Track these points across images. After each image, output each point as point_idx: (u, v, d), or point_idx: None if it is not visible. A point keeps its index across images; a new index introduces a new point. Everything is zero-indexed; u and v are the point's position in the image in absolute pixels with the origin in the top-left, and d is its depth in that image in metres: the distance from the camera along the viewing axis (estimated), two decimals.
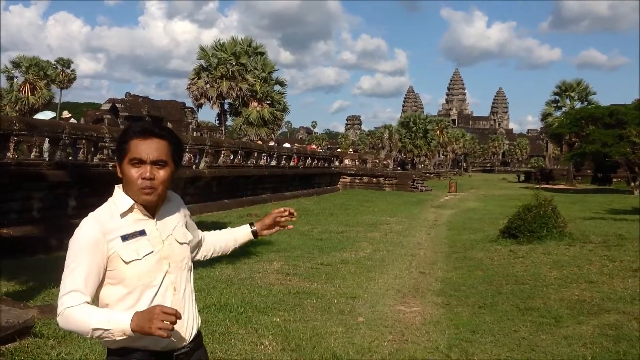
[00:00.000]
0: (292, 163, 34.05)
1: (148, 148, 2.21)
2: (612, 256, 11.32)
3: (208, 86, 37.69)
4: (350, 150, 69.38)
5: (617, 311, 7.61)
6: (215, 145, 24.21)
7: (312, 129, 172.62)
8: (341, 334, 6.59)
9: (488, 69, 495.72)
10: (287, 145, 44.46)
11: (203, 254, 2.73)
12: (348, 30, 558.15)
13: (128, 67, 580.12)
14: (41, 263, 10.30)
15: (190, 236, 2.46)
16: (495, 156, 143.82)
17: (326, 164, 41.12)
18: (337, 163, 44.04)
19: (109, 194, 2.34)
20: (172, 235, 2.33)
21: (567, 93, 60.42)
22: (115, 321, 2.06)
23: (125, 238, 2.21)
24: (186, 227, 2.45)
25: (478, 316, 7.59)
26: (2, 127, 13.42)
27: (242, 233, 2.85)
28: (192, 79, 38.30)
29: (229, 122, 43.63)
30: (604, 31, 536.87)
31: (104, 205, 2.32)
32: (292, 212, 2.83)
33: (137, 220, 2.27)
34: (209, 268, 9.83)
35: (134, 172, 2.21)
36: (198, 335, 2.40)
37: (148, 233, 2.26)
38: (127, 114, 44.41)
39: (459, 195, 40.69)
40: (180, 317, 2.04)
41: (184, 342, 2.29)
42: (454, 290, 9.26)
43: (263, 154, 30.18)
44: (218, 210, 21.49)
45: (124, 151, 2.23)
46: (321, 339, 6.35)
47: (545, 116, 62.26)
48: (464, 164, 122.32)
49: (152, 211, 2.31)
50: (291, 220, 2.84)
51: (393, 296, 8.86)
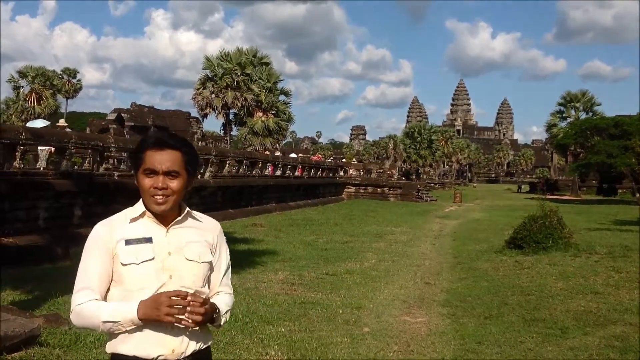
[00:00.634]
0: (297, 173, 34.07)
1: (161, 159, 2.24)
2: (618, 267, 11.29)
3: (213, 96, 37.78)
4: (354, 160, 69.39)
5: (623, 322, 7.59)
6: (220, 155, 24.25)
7: (317, 139, 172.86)
8: (346, 345, 6.57)
9: (493, 80, 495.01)
10: (294, 155, 44.55)
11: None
12: (353, 40, 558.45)
13: (133, 77, 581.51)
14: (47, 272, 10.30)
15: (207, 257, 2.36)
16: (500, 167, 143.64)
17: (331, 174, 41.13)
18: (342, 173, 44.03)
19: (115, 203, 2.38)
20: (183, 249, 2.30)
21: (572, 104, 60.43)
22: (123, 312, 2.16)
23: (129, 242, 2.25)
24: (212, 253, 2.41)
25: (484, 327, 7.57)
26: (9, 137, 13.48)
27: None
28: (198, 89, 38.41)
29: (234, 132, 43.72)
30: (609, 42, 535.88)
31: (122, 211, 2.38)
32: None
33: (147, 227, 2.30)
34: None
35: (147, 182, 2.25)
36: (201, 352, 2.33)
37: (154, 241, 2.26)
38: (133, 124, 44.51)
39: (464, 205, 40.63)
40: (185, 296, 2.12)
41: (179, 357, 2.25)
42: (460, 301, 9.23)
43: (268, 164, 30.22)
44: (223, 220, 21.47)
45: (139, 161, 2.28)
46: (326, 350, 6.34)
47: (550, 127, 62.26)
48: (469, 175, 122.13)
49: (165, 221, 2.31)
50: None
51: (398, 307, 8.84)
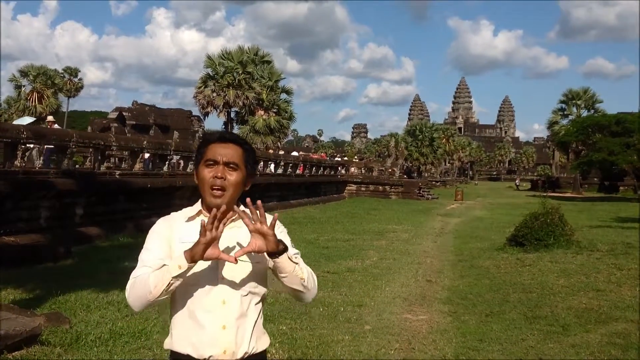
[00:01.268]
0: (299, 171, 34.06)
1: (223, 151, 2.30)
2: (620, 264, 11.29)
3: (215, 95, 37.78)
4: (355, 158, 69.35)
5: (625, 320, 7.59)
6: None
7: (319, 137, 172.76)
8: (348, 342, 6.57)
9: (494, 78, 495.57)
10: (295, 153, 44.54)
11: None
12: (355, 39, 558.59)
13: (135, 76, 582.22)
14: (48, 271, 10.32)
15: (259, 258, 2.29)
16: (501, 164, 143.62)
17: (332, 172, 41.13)
18: (344, 171, 44.02)
19: (116, 202, 2.39)
20: (235, 249, 2.27)
21: (574, 101, 60.35)
22: (169, 262, 2.16)
23: (182, 240, 2.27)
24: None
25: (485, 325, 7.57)
26: (10, 136, 13.49)
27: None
28: (199, 88, 38.40)
29: (236, 131, 43.63)
30: (612, 40, 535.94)
31: (182, 209, 2.42)
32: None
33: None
34: None
35: (207, 172, 2.29)
36: (255, 357, 2.32)
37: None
38: (134, 123, 44.54)
39: (465, 203, 40.62)
40: (222, 209, 2.12)
41: (232, 357, 2.25)
42: (461, 298, 9.23)
43: (269, 162, 30.22)
44: None
45: (201, 155, 2.33)
46: (328, 347, 6.34)
47: (551, 124, 62.20)
48: (470, 172, 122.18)
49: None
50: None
51: (400, 304, 8.84)
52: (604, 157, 42.85)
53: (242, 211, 2.21)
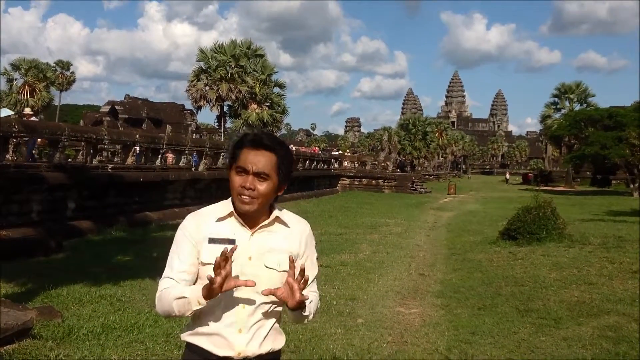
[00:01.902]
0: None
1: (254, 159, 2.24)
2: (612, 258, 11.33)
3: (207, 88, 37.66)
4: (347, 152, 69.35)
5: (617, 313, 7.62)
6: (214, 147, 24.21)
7: (312, 131, 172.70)
8: (340, 336, 6.58)
9: (487, 72, 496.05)
10: (293, 147, 44.47)
11: None
12: (348, 33, 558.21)
13: (127, 70, 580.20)
14: (40, 265, 10.27)
15: (287, 267, 2.26)
16: (494, 158, 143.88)
17: (326, 166, 41.10)
18: (337, 165, 44.00)
19: (108, 196, 2.38)
20: (264, 255, 2.28)
21: (567, 95, 60.51)
22: (191, 290, 2.20)
23: (212, 241, 2.26)
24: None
25: (477, 318, 7.59)
26: (1, 129, 13.42)
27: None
28: (192, 81, 38.26)
29: (229, 124, 43.56)
30: (604, 34, 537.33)
31: (214, 205, 2.39)
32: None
33: (232, 228, 2.30)
34: None
35: (237, 181, 2.26)
36: (270, 356, 2.36)
37: (237, 243, 2.23)
38: (127, 116, 44.46)
39: (458, 197, 40.70)
40: (233, 247, 2.13)
41: (245, 356, 2.28)
42: (454, 292, 9.25)
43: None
44: None
45: (234, 158, 2.29)
46: (320, 341, 6.34)
47: (544, 118, 62.35)
48: (463, 166, 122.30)
49: (251, 224, 2.30)
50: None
51: (392, 298, 8.85)
52: (597, 151, 42.99)
53: (292, 263, 2.22)
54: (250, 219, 2.29)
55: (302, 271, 2.19)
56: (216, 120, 42.66)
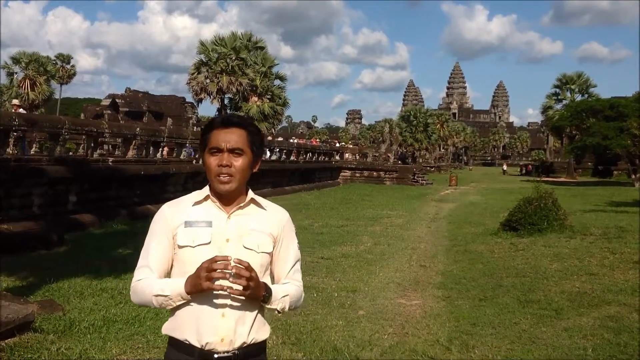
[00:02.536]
0: (293, 157, 34.01)
1: (227, 136, 2.26)
2: (613, 248, 11.33)
3: (208, 81, 37.57)
4: (349, 143, 69.28)
5: (618, 303, 7.62)
6: None
7: (313, 124, 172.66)
8: (342, 328, 6.59)
9: (489, 63, 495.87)
10: (296, 140, 44.51)
11: None
12: (349, 24, 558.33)
13: (128, 63, 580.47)
14: (41, 259, 10.29)
15: (267, 248, 2.31)
16: (495, 149, 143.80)
17: (327, 159, 41.07)
18: (338, 157, 43.96)
19: (109, 189, 2.37)
20: (242, 237, 2.27)
21: (568, 86, 60.34)
22: (172, 286, 2.20)
23: (188, 224, 2.27)
24: (273, 246, 2.35)
25: (478, 309, 7.59)
26: (2, 123, 13.41)
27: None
28: (192, 74, 38.17)
29: None
30: (606, 24, 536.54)
31: (190, 193, 2.40)
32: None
33: (209, 211, 2.30)
34: None
35: (212, 161, 2.26)
36: (254, 347, 2.30)
37: (214, 226, 2.25)
38: (127, 110, 44.41)
39: (460, 188, 40.66)
40: (227, 260, 2.09)
41: (229, 347, 2.23)
42: (455, 283, 9.25)
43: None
44: None
45: (206, 142, 2.30)
46: (321, 333, 6.35)
47: (545, 109, 62.22)
48: (465, 158, 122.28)
49: (228, 206, 2.30)
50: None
51: (394, 289, 8.86)
52: (598, 142, 42.90)
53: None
54: (227, 201, 2.29)
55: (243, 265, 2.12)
56: (217, 113, 42.58)
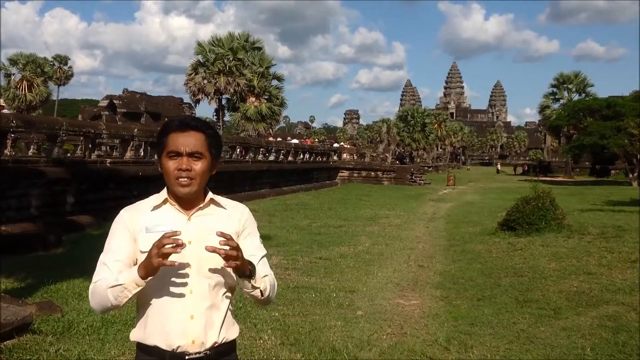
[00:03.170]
0: (290, 158, 34.02)
1: (184, 140, 2.22)
2: (611, 247, 11.34)
3: (205, 82, 37.61)
4: (346, 144, 69.27)
5: (616, 302, 7.63)
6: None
7: (310, 124, 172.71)
8: (340, 328, 6.58)
9: (486, 62, 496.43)
10: (296, 141, 44.57)
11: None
12: (346, 24, 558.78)
13: (125, 63, 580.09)
14: (40, 260, 10.27)
15: (226, 247, 2.20)
16: (493, 149, 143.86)
17: (325, 159, 41.09)
18: (336, 157, 43.98)
19: (107, 190, 2.35)
20: (204, 238, 2.22)
21: (565, 85, 60.48)
22: (125, 275, 2.14)
23: (149, 230, 2.22)
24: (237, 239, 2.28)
25: (477, 309, 7.59)
26: (0, 124, 13.40)
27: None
28: (190, 75, 38.23)
29: (227, 118, 43.58)
30: (603, 23, 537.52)
31: (147, 198, 2.36)
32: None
33: (168, 215, 2.27)
34: None
35: (171, 165, 2.22)
36: (225, 347, 2.29)
37: (175, 229, 2.19)
38: (125, 110, 44.34)
39: (458, 188, 40.70)
40: (177, 234, 2.07)
41: (200, 348, 2.22)
42: (453, 283, 9.26)
43: (261, 149, 30.15)
44: None
45: (163, 145, 2.26)
46: (320, 333, 6.35)
47: (543, 109, 62.36)
48: (462, 157, 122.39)
49: (188, 208, 2.27)
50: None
51: (392, 290, 8.86)
52: (595, 141, 42.98)
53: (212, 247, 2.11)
54: (186, 204, 2.26)
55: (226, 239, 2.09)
56: (214, 113, 42.71)
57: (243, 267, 2.15)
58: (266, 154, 30.53)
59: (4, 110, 21.39)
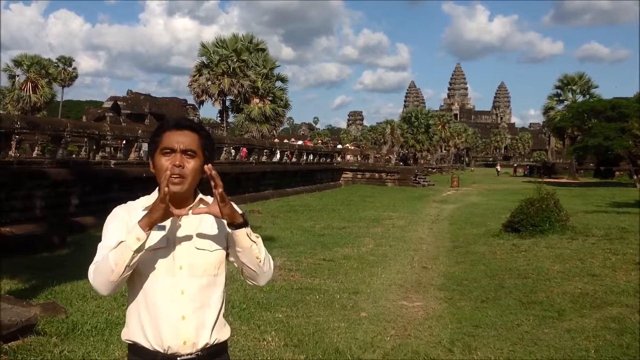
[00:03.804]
0: (294, 159, 34.03)
1: (180, 138, 2.24)
2: (615, 249, 11.32)
3: (209, 83, 37.60)
4: (347, 145, 69.24)
5: (620, 304, 7.62)
6: (216, 141, 24.22)
7: (314, 125, 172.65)
8: (344, 329, 6.59)
9: (490, 63, 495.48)
10: (300, 142, 44.59)
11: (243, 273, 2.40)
12: (349, 25, 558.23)
13: (129, 65, 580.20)
14: (44, 261, 10.30)
15: (220, 244, 2.31)
16: (497, 150, 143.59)
17: (328, 160, 41.08)
18: (340, 159, 43.97)
19: (111, 192, 2.35)
20: (194, 238, 2.26)
21: (569, 86, 60.31)
22: (125, 234, 2.14)
23: None
24: (226, 238, 2.31)
25: (481, 310, 7.59)
26: (4, 126, 13.43)
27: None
28: (194, 76, 38.22)
29: (231, 119, 43.53)
30: (607, 24, 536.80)
31: (139, 198, 2.38)
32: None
33: None
34: None
35: (164, 161, 2.23)
36: (216, 348, 2.30)
37: (167, 229, 2.23)
38: (129, 112, 44.38)
39: (461, 189, 40.65)
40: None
41: (192, 349, 2.22)
42: (457, 284, 9.25)
43: (265, 150, 30.16)
44: None
45: (157, 143, 2.27)
46: (324, 335, 6.35)
47: (547, 110, 62.20)
48: (466, 159, 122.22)
49: (178, 207, 2.23)
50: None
51: (395, 291, 8.86)
52: (600, 142, 42.82)
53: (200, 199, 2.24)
54: (177, 203, 2.22)
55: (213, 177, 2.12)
56: (218, 115, 42.64)
57: (232, 213, 2.17)
58: (270, 155, 30.55)
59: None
